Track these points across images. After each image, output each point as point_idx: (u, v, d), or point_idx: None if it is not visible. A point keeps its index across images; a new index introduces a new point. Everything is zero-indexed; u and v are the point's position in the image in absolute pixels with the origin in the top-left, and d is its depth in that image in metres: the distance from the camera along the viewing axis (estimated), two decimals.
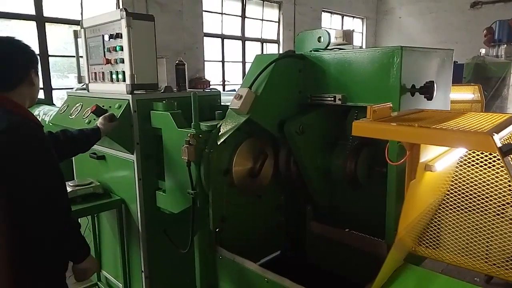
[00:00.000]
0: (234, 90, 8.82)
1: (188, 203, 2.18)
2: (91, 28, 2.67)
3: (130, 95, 2.37)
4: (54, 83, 6.84)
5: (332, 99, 2.11)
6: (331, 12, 12.52)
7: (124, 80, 2.43)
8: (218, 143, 2.03)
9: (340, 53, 2.09)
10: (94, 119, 2.47)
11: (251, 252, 2.17)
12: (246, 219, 2.30)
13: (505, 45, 9.31)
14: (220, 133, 2.06)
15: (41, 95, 6.59)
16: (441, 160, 1.43)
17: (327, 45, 2.29)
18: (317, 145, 2.24)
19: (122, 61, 2.40)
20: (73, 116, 2.74)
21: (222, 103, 2.78)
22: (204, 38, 8.93)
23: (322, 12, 12.12)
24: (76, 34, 2.81)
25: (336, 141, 2.26)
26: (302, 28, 11.55)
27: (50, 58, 6.69)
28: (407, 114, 1.64)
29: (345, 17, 13.13)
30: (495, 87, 7.42)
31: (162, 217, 2.52)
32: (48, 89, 6.78)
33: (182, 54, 7.64)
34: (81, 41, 2.80)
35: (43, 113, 4.29)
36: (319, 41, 2.35)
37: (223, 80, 9.71)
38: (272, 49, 10.83)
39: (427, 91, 1.89)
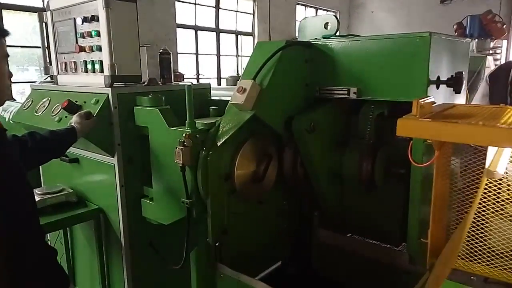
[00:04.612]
0: (209, 84, 8.50)
1: (182, 213, 1.89)
2: (60, 11, 2.29)
3: (110, 88, 2.03)
4: (13, 77, 6.24)
5: (346, 92, 1.88)
6: (305, 5, 12.38)
7: (101, 71, 2.09)
8: (218, 144, 1.75)
9: (355, 41, 1.86)
10: (66, 117, 2.12)
11: (250, 263, 1.92)
12: (245, 229, 2.03)
13: (476, 39, 9.50)
14: (219, 132, 1.78)
15: None
16: (499, 165, 1.22)
17: (336, 32, 2.04)
18: (328, 143, 2.00)
19: (99, 48, 2.06)
20: (39, 113, 2.36)
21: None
22: (177, 29, 8.50)
23: (297, 5, 11.94)
24: (41, 18, 2.42)
25: (347, 139, 2.03)
26: (276, 21, 11.33)
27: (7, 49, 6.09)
28: (445, 109, 1.42)
29: (319, 10, 13.02)
30: (471, 81, 7.50)
31: (147, 227, 2.21)
32: None
33: (154, 46, 7.20)
34: (48, 26, 2.41)
35: (2, 110, 3.82)
36: (325, 27, 2.11)
37: (197, 74, 9.32)
38: (246, 42, 10.54)
39: (456, 83, 1.69)
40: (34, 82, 3.37)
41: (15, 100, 4.48)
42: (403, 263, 1.84)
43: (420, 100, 1.19)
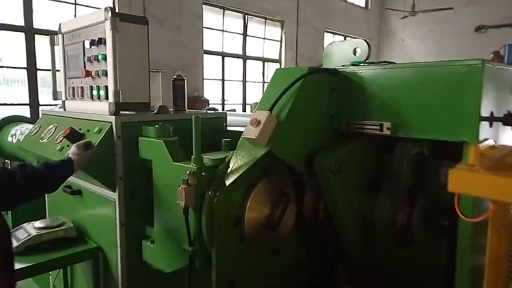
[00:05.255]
0: (234, 110, 8.37)
1: (184, 261, 1.64)
2: (71, 33, 2.18)
3: (114, 117, 1.86)
4: (45, 100, 6.29)
5: (378, 127, 1.61)
6: (333, 33, 12.26)
7: (106, 98, 1.92)
8: (227, 183, 1.51)
9: (390, 68, 1.61)
10: (68, 146, 1.95)
11: None
12: (257, 282, 1.75)
13: None
14: (229, 170, 1.54)
15: (26, 112, 6.08)
16: None
17: (367, 58, 1.80)
18: (357, 186, 1.72)
19: (105, 73, 1.90)
20: (44, 141, 2.21)
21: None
22: (204, 55, 8.53)
23: (325, 32, 11.85)
24: (52, 41, 2.32)
25: (379, 182, 1.74)
26: (304, 48, 11.24)
27: (40, 72, 6.21)
28: (507, 155, 1.13)
29: (347, 38, 12.86)
30: None
31: (148, 271, 1.97)
32: (35, 105, 6.27)
33: (180, 71, 7.19)
34: (58, 49, 2.30)
35: (20, 133, 3.76)
36: (354, 53, 1.87)
37: (223, 100, 9.26)
38: (273, 69, 10.45)
39: None
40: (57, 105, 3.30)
41: None
42: None
43: (479, 146, 0.91)
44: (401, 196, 1.61)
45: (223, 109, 8.77)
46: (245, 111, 9.12)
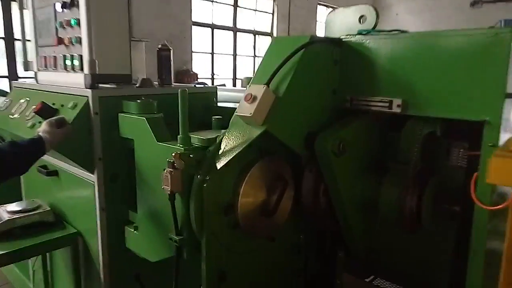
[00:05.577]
0: (224, 85, 8.11)
1: (171, 250, 1.49)
2: None
3: (90, 90, 1.65)
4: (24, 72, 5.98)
5: (387, 104, 1.44)
6: (327, 6, 11.90)
7: (82, 69, 1.71)
8: (218, 167, 1.34)
9: (402, 38, 1.43)
10: (40, 122, 1.75)
11: None
12: (250, 271, 1.62)
13: None
14: (221, 152, 1.37)
15: (5, 85, 5.76)
16: None
17: (374, 27, 1.61)
18: (361, 169, 1.57)
19: (79, 41, 1.68)
20: (15, 116, 2.00)
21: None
22: (193, 27, 8.16)
23: (318, 5, 11.49)
24: (21, 5, 2.06)
25: (386, 164, 1.59)
26: (296, 21, 10.89)
27: (17, 42, 5.85)
28: None
29: None
30: None
31: (132, 258, 1.83)
32: (14, 78, 5.94)
33: (167, 43, 6.87)
34: (28, 13, 2.05)
35: None
36: (360, 21, 1.68)
37: (212, 74, 8.97)
38: (265, 42, 10.13)
39: None
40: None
41: None
42: None
43: None
44: (409, 180, 1.46)
45: (212, 83, 8.51)
46: (235, 86, 8.87)
